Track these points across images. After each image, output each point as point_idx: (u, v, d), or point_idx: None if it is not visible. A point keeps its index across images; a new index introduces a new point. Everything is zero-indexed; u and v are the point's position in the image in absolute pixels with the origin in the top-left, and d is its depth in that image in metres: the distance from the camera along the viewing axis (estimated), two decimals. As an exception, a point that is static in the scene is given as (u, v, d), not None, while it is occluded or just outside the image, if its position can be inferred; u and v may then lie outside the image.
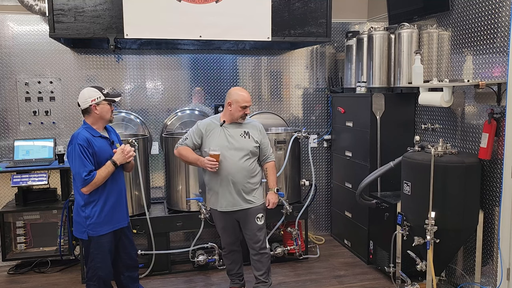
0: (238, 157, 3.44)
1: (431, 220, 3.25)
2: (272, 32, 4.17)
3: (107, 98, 3.18)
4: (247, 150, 3.47)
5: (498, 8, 3.29)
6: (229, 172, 3.43)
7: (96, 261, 3.14)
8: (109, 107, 3.20)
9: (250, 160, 3.49)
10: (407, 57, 4.18)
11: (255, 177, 3.53)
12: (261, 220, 3.53)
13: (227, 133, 3.49)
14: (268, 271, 3.61)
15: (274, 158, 3.68)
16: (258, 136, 3.55)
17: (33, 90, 4.55)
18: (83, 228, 3.11)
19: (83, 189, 3.03)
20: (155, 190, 4.88)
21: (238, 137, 3.49)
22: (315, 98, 5.26)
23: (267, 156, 3.61)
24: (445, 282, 3.82)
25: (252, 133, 3.53)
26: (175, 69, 4.86)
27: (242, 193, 3.47)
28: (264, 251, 3.56)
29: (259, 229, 3.52)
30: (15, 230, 4.30)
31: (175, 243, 4.73)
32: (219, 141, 3.46)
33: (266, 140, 3.62)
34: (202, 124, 3.58)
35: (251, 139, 3.51)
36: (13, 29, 4.47)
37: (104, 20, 3.85)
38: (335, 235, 5.26)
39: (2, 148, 4.56)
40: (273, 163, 3.65)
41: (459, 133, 3.76)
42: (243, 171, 3.45)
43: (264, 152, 3.59)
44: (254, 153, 3.51)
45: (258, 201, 3.54)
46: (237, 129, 3.52)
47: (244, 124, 3.56)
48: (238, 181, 3.44)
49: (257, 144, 3.52)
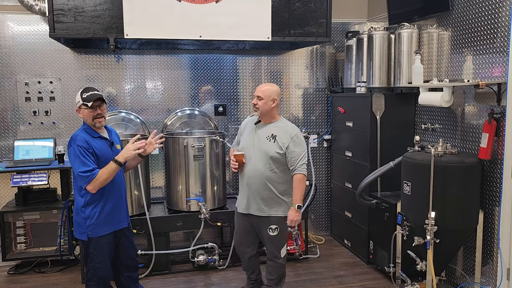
0: (258, 160, 3.27)
1: (431, 220, 3.25)
2: (272, 32, 4.17)
3: (84, 103, 3.02)
4: (268, 155, 3.24)
5: (498, 8, 3.29)
6: (248, 175, 3.31)
7: (95, 261, 3.13)
8: (87, 111, 3.03)
9: (272, 166, 3.25)
10: (407, 57, 4.18)
11: (278, 186, 3.28)
12: (274, 231, 3.31)
13: (256, 133, 3.35)
14: (280, 279, 3.49)
15: (304, 171, 3.26)
16: (286, 142, 3.25)
17: (33, 90, 4.55)
18: (83, 229, 3.10)
19: (88, 187, 2.99)
20: (155, 190, 4.88)
21: (263, 139, 3.30)
22: (315, 98, 5.26)
23: (294, 167, 3.25)
24: (445, 282, 3.82)
25: (279, 137, 3.27)
26: (175, 69, 4.86)
27: (257, 199, 3.29)
28: (276, 260, 3.41)
29: (270, 239, 3.35)
30: (15, 230, 4.30)
31: (175, 243, 4.73)
32: (246, 141, 3.38)
33: (296, 149, 3.25)
34: (245, 121, 3.57)
35: (275, 144, 3.26)
36: (13, 29, 4.47)
37: (104, 20, 3.85)
38: (335, 235, 5.26)
39: (2, 148, 4.56)
40: (300, 176, 3.24)
41: (459, 133, 3.76)
42: (261, 177, 3.25)
43: (292, 163, 3.25)
44: (275, 159, 3.24)
45: (275, 213, 3.31)
46: (266, 131, 3.32)
47: (276, 126, 3.33)
48: (254, 186, 3.28)
49: (281, 151, 3.24)
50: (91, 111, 3.05)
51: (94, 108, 3.05)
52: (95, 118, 3.07)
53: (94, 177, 2.97)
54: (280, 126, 3.35)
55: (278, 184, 3.30)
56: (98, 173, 2.99)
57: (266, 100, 3.30)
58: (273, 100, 3.32)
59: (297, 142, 3.28)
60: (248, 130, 3.43)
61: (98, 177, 2.98)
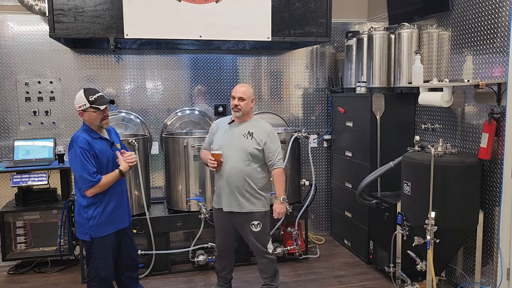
0: (237, 158, 3.36)
1: (431, 220, 3.25)
2: (272, 32, 4.17)
3: (93, 106, 3.04)
4: (247, 152, 3.35)
5: (498, 8, 3.29)
6: (226, 173, 3.37)
7: (98, 261, 3.14)
8: (96, 114, 3.06)
9: (252, 163, 3.36)
10: (407, 57, 4.18)
11: (257, 182, 3.38)
12: (257, 227, 3.40)
13: (231, 132, 3.43)
14: (274, 274, 3.54)
15: (282, 165, 3.44)
16: (263, 139, 3.39)
17: (33, 90, 4.55)
18: (86, 229, 3.10)
19: (87, 191, 3.01)
20: (155, 190, 4.88)
21: (240, 137, 3.40)
22: (315, 98, 5.26)
23: (273, 162, 3.40)
24: (445, 282, 3.82)
25: (256, 134, 3.40)
26: (175, 69, 4.86)
27: (237, 196, 3.37)
28: (266, 256, 3.48)
29: (255, 236, 3.42)
30: (15, 230, 4.30)
31: (175, 243, 4.72)
32: (222, 140, 3.43)
33: (273, 145, 3.41)
34: (215, 122, 3.62)
35: (253, 141, 3.38)
36: (13, 29, 4.46)
37: (104, 20, 3.85)
38: (335, 235, 5.26)
39: (2, 148, 4.56)
40: (279, 170, 3.41)
41: (459, 133, 3.76)
42: (241, 174, 3.34)
43: (270, 158, 3.39)
44: (254, 155, 3.36)
45: (256, 208, 3.40)
46: (242, 129, 3.43)
47: (251, 125, 3.45)
48: (234, 183, 3.35)
49: (259, 147, 3.37)
50: (100, 114, 3.07)
51: (103, 111, 3.08)
52: (103, 120, 3.11)
53: (98, 183, 3.00)
54: (255, 124, 3.48)
55: (257, 179, 3.40)
56: (101, 180, 3.02)
57: (248, 101, 3.43)
58: (252, 100, 3.49)
59: (273, 138, 3.45)
60: (222, 130, 3.49)
61: (101, 183, 3.02)
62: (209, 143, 3.57)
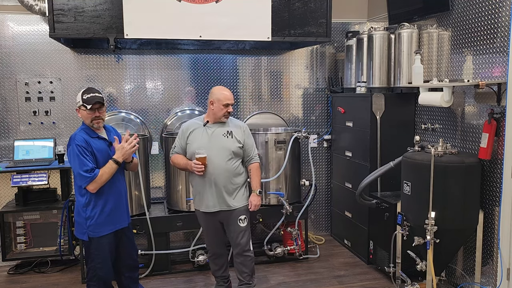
0: (220, 158, 3.38)
1: (431, 220, 3.25)
2: (272, 32, 4.17)
3: (84, 104, 3.05)
4: (230, 151, 3.40)
5: (498, 8, 3.29)
6: (211, 173, 3.37)
7: (96, 261, 3.14)
8: (86, 113, 3.07)
9: (233, 161, 3.43)
10: (407, 57, 4.18)
11: (238, 178, 3.46)
12: (244, 222, 3.46)
13: (209, 133, 3.43)
14: (252, 273, 3.57)
15: (258, 160, 3.59)
16: (242, 136, 3.48)
17: (33, 90, 4.55)
18: (84, 229, 3.11)
19: (88, 187, 3.02)
20: (155, 190, 4.88)
21: (220, 137, 3.42)
22: (315, 98, 5.26)
23: (251, 157, 3.53)
24: (445, 282, 3.82)
25: (235, 132, 3.47)
26: (175, 69, 4.86)
27: (224, 194, 3.40)
28: (248, 253, 3.51)
29: (241, 231, 3.46)
30: (15, 230, 4.30)
31: (175, 243, 4.73)
32: (201, 142, 3.41)
33: (250, 141, 3.54)
34: (185, 125, 3.54)
35: (234, 139, 3.44)
36: (13, 29, 4.47)
37: (104, 20, 3.85)
38: (335, 235, 5.26)
39: (2, 148, 4.56)
40: (257, 164, 3.56)
41: (459, 133, 3.76)
42: (225, 172, 3.38)
43: (248, 153, 3.52)
44: (237, 153, 3.44)
45: (241, 203, 3.47)
46: (220, 129, 3.45)
47: (227, 124, 3.49)
48: (220, 182, 3.38)
49: (240, 145, 3.45)
50: (90, 113, 3.08)
51: (93, 110, 3.08)
52: (93, 119, 3.10)
53: (96, 177, 3.01)
54: (231, 123, 3.53)
55: (239, 175, 3.48)
56: (99, 173, 3.02)
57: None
58: None
59: (248, 134, 3.56)
60: (198, 132, 3.46)
61: (99, 177, 3.02)
62: (182, 147, 3.51)
